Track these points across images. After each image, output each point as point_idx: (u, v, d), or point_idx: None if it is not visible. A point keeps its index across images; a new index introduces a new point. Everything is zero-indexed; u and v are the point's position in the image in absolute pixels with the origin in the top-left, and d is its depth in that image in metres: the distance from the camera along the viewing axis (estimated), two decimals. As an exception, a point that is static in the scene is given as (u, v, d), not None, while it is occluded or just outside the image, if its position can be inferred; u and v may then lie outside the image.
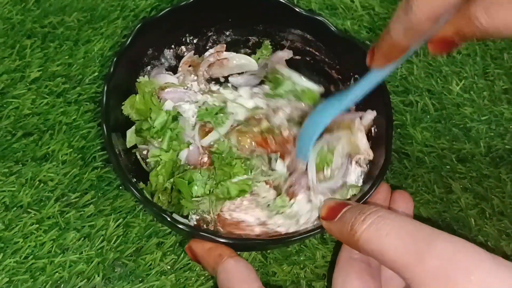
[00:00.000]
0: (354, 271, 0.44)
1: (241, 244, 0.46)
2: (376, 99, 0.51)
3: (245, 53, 0.58)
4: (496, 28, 0.35)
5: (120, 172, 0.46)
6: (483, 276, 0.32)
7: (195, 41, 0.57)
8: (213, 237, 0.44)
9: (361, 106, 0.53)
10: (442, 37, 0.38)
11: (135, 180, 0.48)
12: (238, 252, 0.45)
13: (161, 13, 0.51)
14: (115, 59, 0.49)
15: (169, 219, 0.44)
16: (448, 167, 0.55)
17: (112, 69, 0.49)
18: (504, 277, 0.32)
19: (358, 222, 0.38)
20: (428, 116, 0.57)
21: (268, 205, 0.50)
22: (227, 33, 0.57)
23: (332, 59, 0.56)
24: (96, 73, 0.55)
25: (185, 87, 0.55)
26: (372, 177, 0.48)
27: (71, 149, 0.52)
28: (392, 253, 0.35)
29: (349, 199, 0.49)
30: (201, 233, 0.44)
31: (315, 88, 0.54)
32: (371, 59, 0.42)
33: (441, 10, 0.34)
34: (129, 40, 0.50)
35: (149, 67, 0.55)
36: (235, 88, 0.56)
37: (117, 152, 0.47)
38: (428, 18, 0.35)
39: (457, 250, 0.34)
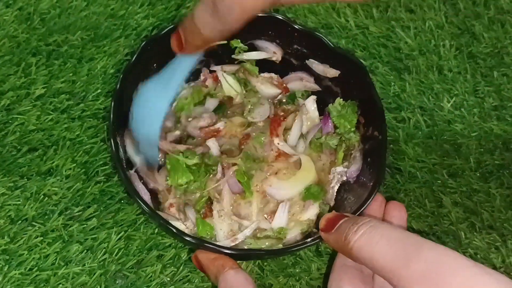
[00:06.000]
0: (347, 277, 0.46)
1: (242, 254, 0.48)
2: (372, 116, 0.53)
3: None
4: None
5: (128, 184, 0.47)
6: (466, 280, 0.34)
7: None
8: (216, 248, 0.46)
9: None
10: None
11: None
12: (238, 262, 0.47)
13: (164, 31, 0.53)
14: (121, 76, 0.50)
15: (174, 231, 0.46)
16: (439, 182, 0.57)
17: (118, 85, 0.50)
18: (485, 282, 0.34)
19: (351, 232, 0.40)
20: (420, 132, 0.59)
21: None
22: None
23: None
24: (99, 90, 0.57)
25: None
26: (367, 190, 0.50)
27: (75, 164, 0.53)
28: (381, 260, 0.37)
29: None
30: (206, 244, 0.46)
31: None
32: (179, 46, 0.42)
33: (253, 10, 0.36)
34: (135, 56, 0.51)
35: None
36: None
37: (124, 165, 0.48)
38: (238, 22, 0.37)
39: (442, 255, 0.35)
